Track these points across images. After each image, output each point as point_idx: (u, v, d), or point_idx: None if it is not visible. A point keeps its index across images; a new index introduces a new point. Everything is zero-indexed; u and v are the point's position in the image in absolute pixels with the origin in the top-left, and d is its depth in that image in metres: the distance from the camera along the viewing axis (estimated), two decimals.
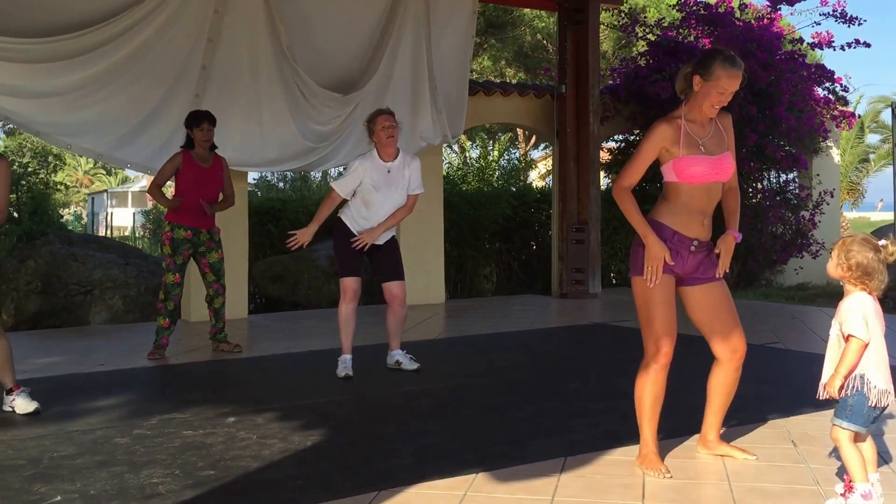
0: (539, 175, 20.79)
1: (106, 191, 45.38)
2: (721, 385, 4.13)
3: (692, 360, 4.78)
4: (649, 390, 4.01)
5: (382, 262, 6.38)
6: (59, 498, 3.75)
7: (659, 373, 4.00)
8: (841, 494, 3.48)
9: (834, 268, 3.54)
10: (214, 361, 7.03)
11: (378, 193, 6.19)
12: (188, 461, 4.25)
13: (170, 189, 8.31)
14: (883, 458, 4.12)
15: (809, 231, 12.22)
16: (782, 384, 5.84)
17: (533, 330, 8.64)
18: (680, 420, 4.61)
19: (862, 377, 3.42)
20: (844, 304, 3.49)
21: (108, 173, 48.90)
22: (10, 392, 5.26)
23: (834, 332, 3.52)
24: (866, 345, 3.41)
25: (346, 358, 6.27)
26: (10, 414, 5.20)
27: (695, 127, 4.02)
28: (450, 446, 4.50)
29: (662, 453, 4.09)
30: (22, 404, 5.20)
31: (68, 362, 6.96)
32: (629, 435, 4.30)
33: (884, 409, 3.48)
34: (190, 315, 8.89)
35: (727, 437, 4.33)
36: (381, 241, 6.34)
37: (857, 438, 3.51)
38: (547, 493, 3.72)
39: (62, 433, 4.79)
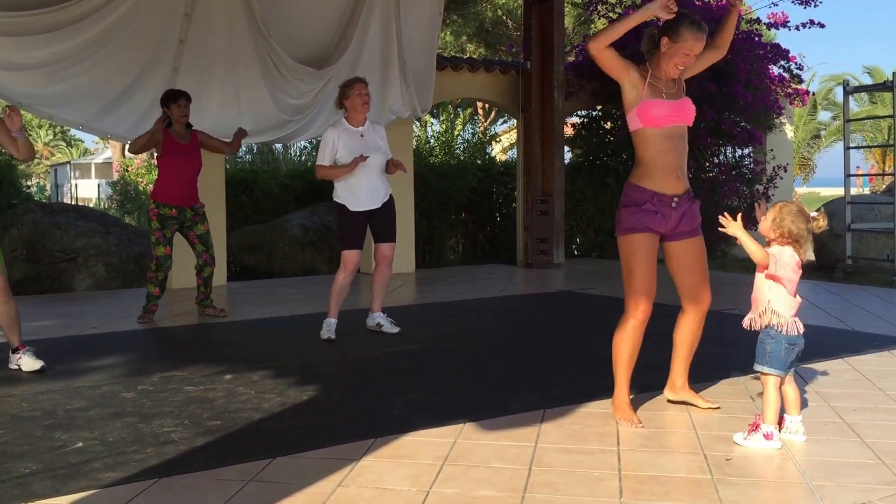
0: (502, 149, 21.12)
1: (68, 162, 44.99)
2: (687, 333, 4.52)
3: (663, 322, 5.15)
4: (627, 344, 4.35)
5: (380, 222, 6.73)
6: (80, 444, 4.05)
7: (637, 328, 4.33)
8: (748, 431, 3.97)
9: (767, 228, 3.99)
10: (202, 325, 7.32)
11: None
12: (194, 413, 4.56)
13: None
14: (837, 413, 4.55)
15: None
16: (740, 346, 6.21)
17: (502, 297, 9.02)
18: (650, 377, 4.97)
19: (772, 309, 3.94)
20: (772, 250, 3.95)
21: (69, 144, 48.49)
22: (15, 351, 5.54)
23: (757, 280, 4.01)
24: (780, 279, 3.89)
25: (332, 322, 6.59)
26: (16, 372, 5.49)
27: (659, 82, 4.33)
28: (436, 400, 4.83)
29: (634, 407, 4.44)
30: (28, 362, 5.48)
31: (61, 326, 7.23)
32: (603, 391, 4.68)
33: (798, 354, 3.96)
34: (172, 283, 9.11)
35: (705, 394, 4.71)
36: (379, 204, 6.67)
37: (780, 382, 3.98)
38: (530, 440, 4.08)
39: (71, 388, 5.08)
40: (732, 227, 3.94)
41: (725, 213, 4.00)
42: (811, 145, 32.24)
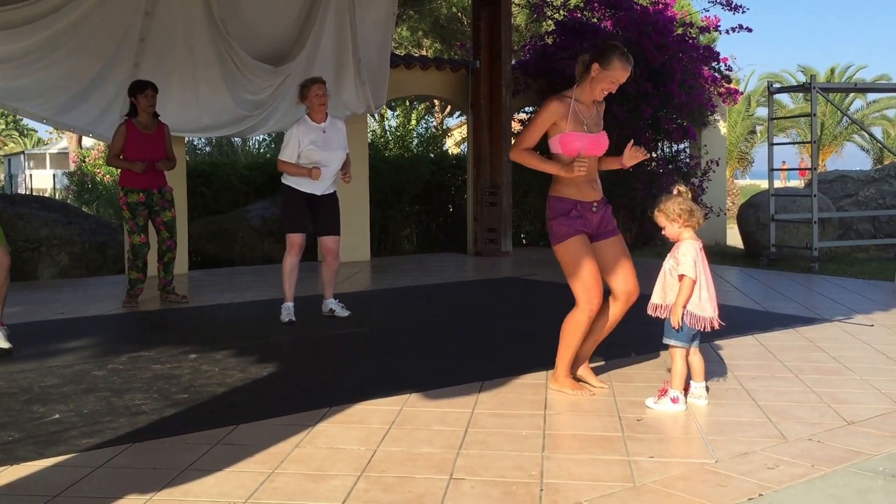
0: (454, 143, 21.59)
1: (22, 152, 44.65)
2: (609, 319, 4.91)
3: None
4: (579, 332, 4.73)
5: (323, 217, 7.12)
6: (57, 416, 4.44)
7: (590, 320, 4.73)
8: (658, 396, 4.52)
9: (670, 229, 4.54)
10: (165, 310, 7.71)
11: (322, 152, 6.93)
12: (163, 387, 4.97)
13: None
14: (739, 381, 5.08)
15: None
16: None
17: (452, 283, 9.50)
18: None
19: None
20: (680, 249, 4.48)
21: (22, 134, 48.10)
22: None
23: (667, 266, 4.53)
24: (695, 282, 4.41)
25: (289, 305, 7.02)
26: None
27: (582, 107, 4.76)
28: (386, 375, 5.29)
29: None
30: None
31: (29, 312, 7.56)
32: (537, 365, 5.19)
33: (700, 330, 4.50)
34: None
35: (627, 367, 5.32)
36: (327, 192, 7.06)
37: (688, 353, 4.53)
38: (468, 406, 4.56)
39: (44, 368, 5.46)
40: (676, 317, 4.46)
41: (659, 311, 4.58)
42: (748, 140, 33.30)
